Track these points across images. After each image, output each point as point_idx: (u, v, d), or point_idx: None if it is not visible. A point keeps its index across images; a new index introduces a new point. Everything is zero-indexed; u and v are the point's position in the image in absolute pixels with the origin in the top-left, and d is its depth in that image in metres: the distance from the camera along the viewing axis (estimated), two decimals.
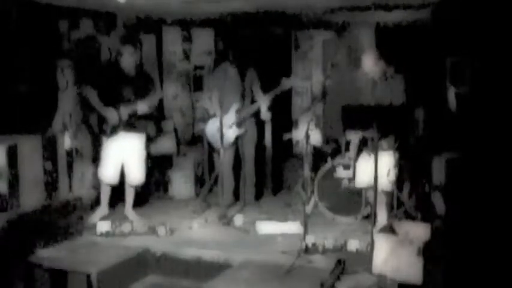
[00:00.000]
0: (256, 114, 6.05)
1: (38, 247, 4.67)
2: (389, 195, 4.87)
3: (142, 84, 5.48)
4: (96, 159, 6.04)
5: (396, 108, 4.79)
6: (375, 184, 4.39)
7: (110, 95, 5.34)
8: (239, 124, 5.88)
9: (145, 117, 5.55)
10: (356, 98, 5.09)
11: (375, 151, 4.59)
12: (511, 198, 3.83)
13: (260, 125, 6.38)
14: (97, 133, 5.74)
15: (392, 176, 4.67)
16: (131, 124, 5.40)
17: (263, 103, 5.85)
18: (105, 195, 5.56)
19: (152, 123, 5.74)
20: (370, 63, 4.95)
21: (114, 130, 5.35)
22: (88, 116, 5.94)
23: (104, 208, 5.56)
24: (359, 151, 5.00)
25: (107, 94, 5.34)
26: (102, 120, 5.42)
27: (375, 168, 4.28)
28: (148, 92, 5.46)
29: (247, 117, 5.94)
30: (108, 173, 5.45)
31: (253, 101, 5.95)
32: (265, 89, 5.81)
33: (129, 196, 5.67)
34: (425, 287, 3.89)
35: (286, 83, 5.67)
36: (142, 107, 5.38)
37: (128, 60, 5.41)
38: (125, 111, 5.34)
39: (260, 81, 5.96)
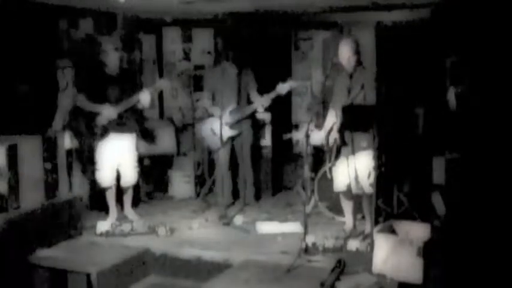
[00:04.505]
0: (253, 115, 6.04)
1: (38, 247, 4.67)
2: (369, 198, 4.72)
3: (127, 83, 5.46)
4: (84, 161, 6.04)
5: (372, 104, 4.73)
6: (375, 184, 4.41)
7: (96, 97, 5.33)
8: (232, 125, 5.85)
9: (136, 116, 5.56)
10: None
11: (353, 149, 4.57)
12: (511, 198, 3.83)
13: (257, 125, 6.38)
14: (85, 137, 5.71)
15: (373, 178, 4.60)
16: (122, 124, 5.39)
17: (259, 105, 5.83)
18: (111, 199, 5.55)
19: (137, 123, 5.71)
20: (346, 51, 4.85)
21: (104, 131, 5.34)
22: (77, 119, 5.90)
23: (113, 212, 5.56)
24: (337, 154, 4.93)
25: (94, 96, 5.34)
26: (90, 123, 5.40)
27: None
28: (133, 92, 5.42)
29: (242, 119, 5.92)
30: (106, 176, 5.45)
31: (249, 102, 5.93)
32: (265, 89, 5.79)
33: (128, 196, 5.68)
34: (425, 287, 3.89)
35: (281, 88, 5.64)
36: (145, 97, 5.37)
37: (112, 58, 5.38)
38: (114, 110, 5.33)
39: (260, 82, 5.94)
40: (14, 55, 5.29)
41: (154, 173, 6.67)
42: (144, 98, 5.38)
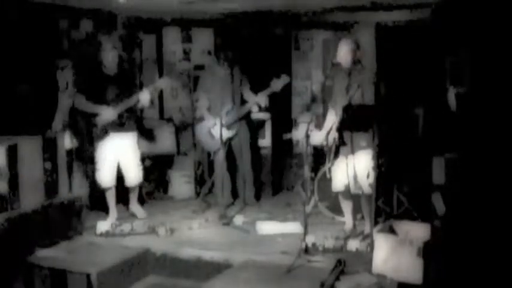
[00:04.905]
0: (249, 114, 6.02)
1: (38, 247, 4.67)
2: (368, 198, 4.71)
3: (126, 83, 5.47)
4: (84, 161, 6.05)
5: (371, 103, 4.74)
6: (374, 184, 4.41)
7: (94, 97, 5.33)
8: (229, 126, 5.84)
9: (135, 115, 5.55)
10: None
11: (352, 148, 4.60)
12: (511, 198, 3.83)
13: (255, 124, 6.37)
14: (85, 137, 5.71)
15: (372, 177, 4.60)
16: (122, 124, 5.39)
17: (253, 104, 5.82)
18: (111, 200, 5.56)
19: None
20: (345, 50, 4.86)
21: (104, 132, 5.34)
22: (76, 119, 5.90)
23: (113, 213, 5.57)
24: (336, 153, 4.94)
25: (92, 96, 5.34)
26: (90, 124, 5.40)
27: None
28: (131, 91, 5.43)
29: (238, 119, 5.89)
30: (106, 176, 5.45)
31: (244, 101, 5.90)
32: (265, 90, 5.78)
33: (133, 193, 5.72)
34: (425, 287, 3.88)
35: (275, 84, 5.63)
36: (144, 96, 5.37)
37: (109, 57, 5.38)
38: (114, 110, 5.33)
39: (260, 82, 5.92)
40: (14, 55, 5.28)
41: (154, 173, 6.67)
42: (144, 97, 5.39)
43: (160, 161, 6.72)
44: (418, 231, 4.31)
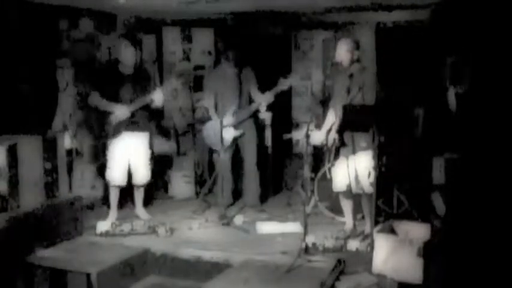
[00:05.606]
0: (255, 114, 6.03)
1: (38, 247, 4.67)
2: (369, 198, 4.71)
3: (141, 82, 5.47)
4: (97, 159, 6.06)
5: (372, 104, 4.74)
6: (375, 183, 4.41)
7: (109, 95, 5.34)
8: (236, 126, 5.85)
9: (149, 115, 5.56)
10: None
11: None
12: (511, 198, 3.83)
13: (260, 125, 6.37)
14: (98, 135, 5.72)
15: (373, 177, 4.59)
16: (135, 123, 5.40)
17: (261, 104, 5.82)
18: (114, 199, 5.56)
19: (152, 123, 5.72)
20: (343, 50, 4.86)
21: (117, 130, 5.35)
22: (89, 116, 5.93)
23: (114, 212, 5.57)
24: (336, 154, 4.94)
25: (107, 94, 5.34)
26: (103, 122, 5.40)
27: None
28: (147, 90, 5.44)
29: (245, 119, 5.91)
30: (116, 174, 5.45)
31: (251, 101, 5.92)
32: (266, 89, 5.79)
33: (139, 195, 5.70)
34: (425, 287, 3.89)
35: (283, 83, 5.64)
36: (158, 96, 5.38)
37: (128, 55, 5.37)
38: (127, 109, 5.34)
39: (260, 82, 5.93)
40: (14, 55, 5.29)
41: (154, 173, 6.67)
42: (158, 97, 5.40)
43: (160, 161, 6.72)
44: (418, 231, 4.31)
